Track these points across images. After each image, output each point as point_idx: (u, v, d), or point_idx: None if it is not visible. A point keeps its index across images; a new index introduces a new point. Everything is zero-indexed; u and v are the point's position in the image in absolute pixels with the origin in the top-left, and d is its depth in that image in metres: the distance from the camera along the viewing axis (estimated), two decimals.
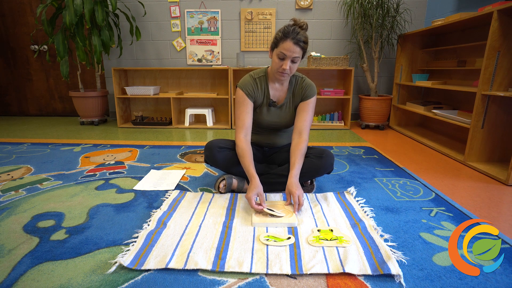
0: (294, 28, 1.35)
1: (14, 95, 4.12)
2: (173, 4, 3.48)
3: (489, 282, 0.91)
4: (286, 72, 1.40)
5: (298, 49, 1.35)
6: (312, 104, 1.52)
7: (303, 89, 1.52)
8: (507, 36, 1.85)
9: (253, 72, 1.56)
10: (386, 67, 3.59)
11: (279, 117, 1.57)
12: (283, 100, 1.56)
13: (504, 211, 1.41)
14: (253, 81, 1.52)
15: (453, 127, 2.81)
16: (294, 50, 1.34)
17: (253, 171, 1.40)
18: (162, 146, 2.56)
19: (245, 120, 1.48)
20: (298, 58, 1.38)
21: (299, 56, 1.37)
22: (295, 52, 1.35)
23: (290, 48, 1.34)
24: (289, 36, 1.33)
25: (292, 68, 1.40)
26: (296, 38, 1.33)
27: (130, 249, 1.05)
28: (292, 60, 1.37)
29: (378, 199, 1.49)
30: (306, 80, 1.55)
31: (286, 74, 1.42)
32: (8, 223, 1.26)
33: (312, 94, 1.52)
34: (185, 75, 3.63)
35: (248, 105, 1.49)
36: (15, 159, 2.14)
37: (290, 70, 1.40)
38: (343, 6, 3.38)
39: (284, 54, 1.36)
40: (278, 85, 1.54)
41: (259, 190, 1.34)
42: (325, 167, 1.49)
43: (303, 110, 1.51)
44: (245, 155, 1.43)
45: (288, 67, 1.37)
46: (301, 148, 1.45)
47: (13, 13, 3.81)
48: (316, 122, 3.51)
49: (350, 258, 1.00)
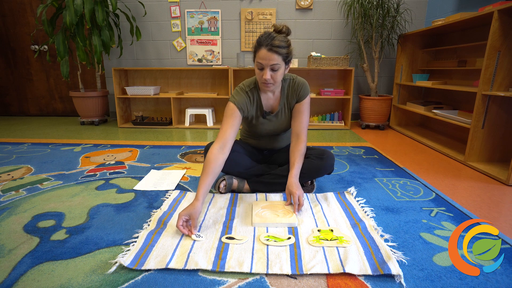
0: (269, 34, 1.28)
1: (15, 95, 4.12)
2: (173, 4, 3.48)
3: (489, 282, 0.91)
4: (269, 82, 1.32)
5: (275, 56, 1.26)
6: (307, 104, 1.48)
7: (296, 90, 1.47)
8: (508, 36, 1.84)
9: (242, 85, 1.47)
10: (387, 67, 3.59)
11: (276, 125, 1.55)
12: (278, 107, 1.51)
13: (505, 211, 1.41)
14: (246, 94, 1.44)
15: (454, 127, 2.81)
16: (270, 57, 1.25)
17: (201, 190, 1.21)
18: (162, 146, 2.56)
19: (226, 133, 1.35)
20: (278, 65, 1.28)
21: (278, 63, 1.28)
22: (271, 60, 1.26)
23: (265, 56, 1.26)
24: (263, 44, 1.27)
25: (274, 77, 1.31)
26: (271, 44, 1.25)
27: (130, 249, 1.05)
28: (272, 68, 1.29)
29: (378, 199, 1.49)
30: (297, 80, 1.48)
31: (270, 84, 1.34)
32: (8, 223, 1.26)
33: (306, 93, 1.47)
34: (185, 75, 3.63)
35: (235, 119, 1.38)
36: (15, 159, 2.14)
37: (273, 79, 1.32)
38: (343, 6, 3.38)
39: (261, 64, 1.29)
40: (270, 94, 1.49)
41: (192, 212, 1.16)
42: (325, 168, 1.49)
43: (298, 112, 1.47)
44: (208, 168, 1.26)
45: (269, 76, 1.29)
46: (300, 149, 1.43)
47: (13, 13, 3.82)
48: (316, 122, 3.51)
49: (351, 258, 1.00)
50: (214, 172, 1.26)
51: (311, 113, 3.65)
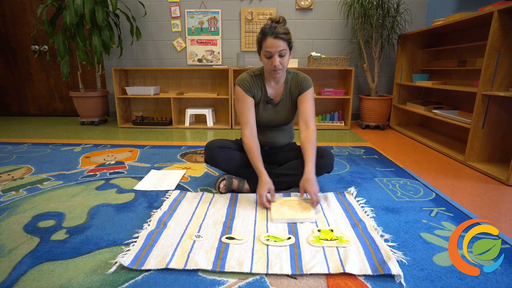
0: (270, 25, 1.38)
1: (15, 95, 4.12)
2: (173, 4, 3.48)
3: (489, 282, 0.91)
4: (279, 68, 1.42)
5: (281, 42, 1.37)
6: (311, 94, 1.54)
7: (299, 83, 1.54)
8: (508, 36, 1.84)
9: (250, 70, 1.58)
10: (387, 67, 3.59)
11: (275, 114, 1.59)
12: (279, 97, 1.58)
13: (505, 211, 1.41)
14: (250, 77, 1.54)
15: (454, 127, 2.81)
16: (278, 44, 1.36)
17: (261, 167, 1.43)
18: (163, 146, 2.56)
19: (248, 116, 1.50)
20: (284, 51, 1.39)
21: (285, 48, 1.39)
22: (279, 46, 1.37)
23: (273, 43, 1.37)
24: (268, 33, 1.37)
25: (283, 62, 1.41)
26: (275, 33, 1.36)
27: (130, 249, 1.05)
28: (280, 54, 1.39)
29: (378, 199, 1.49)
30: (300, 75, 1.57)
31: (280, 70, 1.43)
32: (8, 223, 1.26)
33: (309, 86, 1.54)
34: (185, 75, 3.63)
35: (248, 101, 1.51)
36: (15, 159, 2.14)
37: (282, 65, 1.42)
38: (343, 6, 3.38)
39: (269, 52, 1.39)
40: (274, 83, 1.57)
41: (269, 185, 1.39)
42: (325, 167, 1.49)
43: (303, 101, 1.53)
44: (252, 152, 1.46)
45: (278, 62, 1.39)
46: (312, 140, 1.45)
47: (13, 13, 3.82)
48: (317, 122, 3.51)
49: (351, 258, 1.00)
50: (259, 151, 1.47)
51: None
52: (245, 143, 1.48)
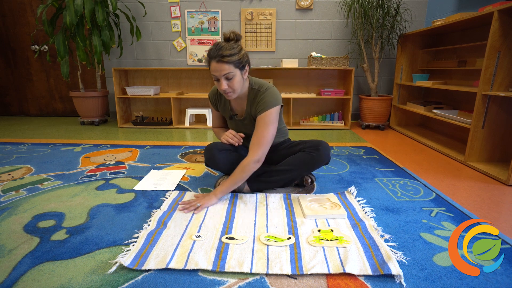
0: (216, 46, 1.31)
1: (15, 95, 4.12)
2: (173, 4, 3.48)
3: (489, 282, 0.91)
4: (228, 91, 1.36)
5: (226, 66, 1.29)
6: (265, 119, 1.39)
7: (256, 104, 1.44)
8: (508, 36, 1.84)
9: None
10: (387, 67, 3.59)
11: (245, 129, 1.57)
12: (244, 114, 1.53)
13: (505, 211, 1.41)
14: (217, 92, 1.59)
15: (454, 127, 2.81)
16: (220, 68, 1.29)
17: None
18: (163, 146, 2.56)
19: (216, 123, 1.72)
20: (231, 74, 1.31)
21: (231, 71, 1.30)
22: (222, 70, 1.29)
23: (216, 68, 1.30)
24: (212, 57, 1.31)
25: (231, 85, 1.34)
26: (218, 55, 1.28)
27: (130, 249, 1.05)
28: (226, 77, 1.32)
29: (378, 199, 1.49)
30: (262, 93, 1.43)
31: (230, 93, 1.37)
32: (8, 223, 1.26)
33: (264, 108, 1.39)
34: (185, 75, 3.63)
35: (215, 111, 1.67)
36: (15, 159, 2.14)
37: (230, 88, 1.35)
38: (343, 6, 3.38)
39: (215, 76, 1.33)
40: (239, 99, 1.52)
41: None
42: (322, 159, 1.47)
43: (256, 125, 1.42)
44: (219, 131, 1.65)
45: (225, 86, 1.33)
46: (243, 164, 1.38)
47: (13, 13, 3.82)
48: (316, 122, 3.51)
49: (351, 258, 1.00)
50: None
51: (312, 113, 3.65)
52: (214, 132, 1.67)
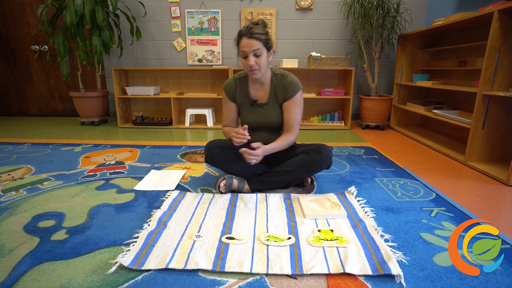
0: (246, 27, 1.42)
1: (15, 95, 4.12)
2: (173, 4, 3.48)
3: (489, 282, 0.91)
4: (254, 68, 1.42)
5: (255, 42, 1.38)
6: (296, 102, 1.53)
7: (285, 88, 1.53)
8: (508, 36, 1.84)
9: (237, 73, 1.62)
10: (387, 67, 3.58)
11: (264, 116, 1.59)
12: (266, 99, 1.57)
13: (505, 211, 1.41)
14: (234, 81, 1.59)
15: (454, 127, 2.81)
16: (251, 43, 1.38)
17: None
18: (163, 146, 2.56)
19: (229, 119, 1.65)
20: (260, 50, 1.40)
21: (260, 48, 1.40)
22: (253, 46, 1.38)
23: (246, 43, 1.39)
24: (243, 34, 1.41)
25: (258, 62, 1.41)
26: (250, 33, 1.38)
27: (130, 249, 1.05)
28: (255, 54, 1.40)
29: (378, 199, 1.49)
30: (287, 78, 1.53)
31: (256, 70, 1.43)
32: (8, 223, 1.26)
33: (295, 92, 1.51)
34: (185, 75, 3.63)
35: (230, 105, 1.61)
36: (15, 159, 2.14)
37: (258, 65, 1.42)
38: (343, 6, 3.38)
39: (244, 52, 1.40)
40: (259, 85, 1.57)
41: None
42: (324, 162, 1.48)
43: (287, 110, 1.54)
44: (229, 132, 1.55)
45: (253, 62, 1.40)
46: (287, 138, 1.51)
47: (13, 13, 3.82)
48: (316, 122, 3.51)
49: (351, 258, 1.00)
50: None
51: (312, 113, 3.65)
52: (224, 132, 1.61)
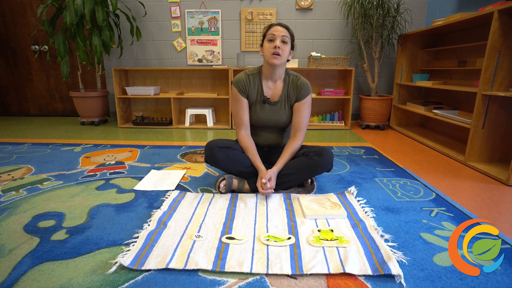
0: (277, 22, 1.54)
1: (15, 95, 4.12)
2: (173, 4, 3.48)
3: (489, 282, 0.91)
4: (278, 52, 1.44)
5: (286, 31, 1.46)
6: (307, 104, 1.57)
7: (298, 89, 1.56)
8: (508, 36, 1.84)
9: (248, 70, 1.61)
10: (387, 67, 3.58)
11: (274, 114, 1.59)
12: (278, 98, 1.59)
13: (505, 211, 1.41)
14: (247, 77, 1.58)
15: (454, 127, 2.81)
16: (282, 30, 1.45)
17: (259, 163, 1.51)
18: (163, 146, 2.56)
19: (243, 117, 1.58)
20: (287, 38, 1.46)
21: (288, 36, 1.46)
22: (282, 32, 1.44)
23: (278, 29, 1.45)
24: (276, 24, 1.48)
25: (283, 49, 1.45)
26: (281, 24, 1.48)
27: (130, 249, 1.05)
28: (283, 40, 1.45)
29: (378, 199, 1.49)
30: (300, 79, 1.58)
31: (279, 56, 1.45)
32: (8, 223, 1.26)
33: (306, 94, 1.56)
34: (185, 75, 3.63)
35: (243, 102, 1.57)
36: (15, 159, 2.14)
37: (281, 51, 1.45)
38: (343, 6, 3.38)
39: (273, 35, 1.45)
40: (271, 83, 1.58)
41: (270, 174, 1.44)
42: (324, 165, 1.48)
43: (298, 111, 1.56)
44: (250, 150, 1.54)
45: (279, 44, 1.43)
46: (293, 146, 1.54)
47: (13, 13, 3.82)
48: (316, 122, 3.51)
49: (351, 258, 1.00)
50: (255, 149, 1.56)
51: (312, 113, 3.65)
52: (241, 142, 1.57)
